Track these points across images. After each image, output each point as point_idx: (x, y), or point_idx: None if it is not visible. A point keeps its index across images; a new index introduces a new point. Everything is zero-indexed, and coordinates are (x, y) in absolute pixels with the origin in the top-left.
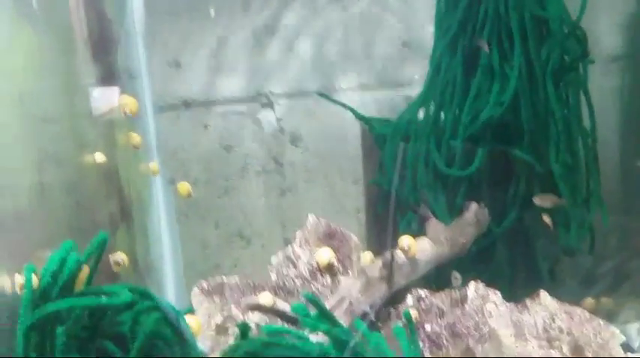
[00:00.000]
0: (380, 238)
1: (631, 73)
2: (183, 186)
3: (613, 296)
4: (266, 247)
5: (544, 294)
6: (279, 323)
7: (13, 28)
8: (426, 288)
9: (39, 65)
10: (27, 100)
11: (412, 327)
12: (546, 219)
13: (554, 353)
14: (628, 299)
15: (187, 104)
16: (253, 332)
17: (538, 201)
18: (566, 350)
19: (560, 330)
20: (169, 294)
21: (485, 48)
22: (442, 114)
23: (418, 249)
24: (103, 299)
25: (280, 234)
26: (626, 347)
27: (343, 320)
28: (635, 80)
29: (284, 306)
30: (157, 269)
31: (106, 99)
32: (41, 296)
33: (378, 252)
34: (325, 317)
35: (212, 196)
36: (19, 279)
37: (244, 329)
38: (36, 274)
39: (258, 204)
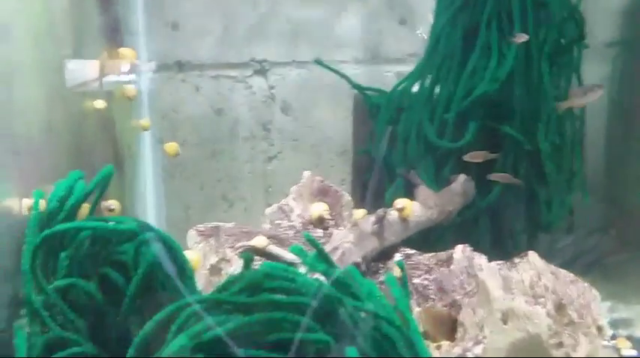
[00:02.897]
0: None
1: (622, 59)
2: (171, 146)
3: (586, 276)
4: (248, 211)
5: (532, 254)
6: None
7: None
8: None
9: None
10: (42, 44)
11: (405, 276)
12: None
13: (539, 308)
14: (599, 278)
15: (181, 65)
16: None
17: (468, 157)
18: (550, 307)
19: (546, 288)
20: None
21: (522, 39)
22: (437, 88)
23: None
24: (110, 223)
25: (263, 199)
26: None
27: None
28: (627, 67)
29: (278, 250)
30: None
31: (82, 71)
32: (48, 218)
33: None
34: (323, 258)
35: (199, 158)
36: (27, 202)
37: (248, 259)
38: (44, 199)
39: (244, 168)
